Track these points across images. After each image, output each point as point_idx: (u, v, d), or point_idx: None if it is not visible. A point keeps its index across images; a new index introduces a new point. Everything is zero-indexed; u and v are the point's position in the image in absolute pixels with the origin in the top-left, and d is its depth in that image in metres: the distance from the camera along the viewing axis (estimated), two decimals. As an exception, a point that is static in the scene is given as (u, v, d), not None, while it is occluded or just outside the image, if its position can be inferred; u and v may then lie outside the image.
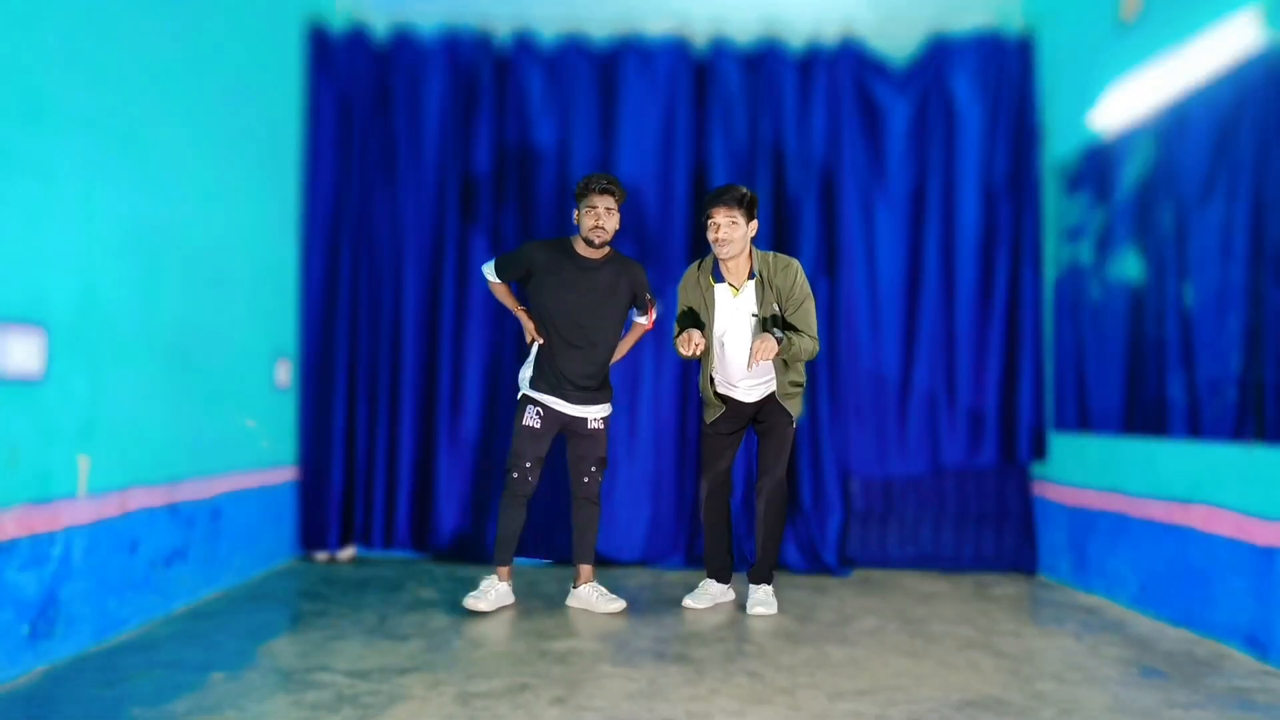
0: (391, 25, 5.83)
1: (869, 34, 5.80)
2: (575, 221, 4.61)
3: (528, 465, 4.59)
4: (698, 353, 4.37)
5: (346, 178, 5.76)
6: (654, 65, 5.78)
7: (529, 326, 4.71)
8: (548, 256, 4.64)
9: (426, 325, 5.76)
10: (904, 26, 5.80)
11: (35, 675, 3.32)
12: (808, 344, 4.46)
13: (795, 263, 4.55)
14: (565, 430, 4.71)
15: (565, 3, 5.85)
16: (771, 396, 4.61)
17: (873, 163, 5.77)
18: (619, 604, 4.59)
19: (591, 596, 4.63)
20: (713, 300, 4.57)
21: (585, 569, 4.75)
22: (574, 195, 4.62)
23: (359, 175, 5.76)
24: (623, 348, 4.84)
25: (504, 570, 4.64)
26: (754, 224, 4.52)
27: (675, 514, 5.72)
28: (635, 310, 4.80)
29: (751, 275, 4.53)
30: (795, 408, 4.62)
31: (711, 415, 4.72)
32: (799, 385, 4.65)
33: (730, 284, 4.55)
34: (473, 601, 4.43)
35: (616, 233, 4.63)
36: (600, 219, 4.53)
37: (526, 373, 4.70)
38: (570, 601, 4.67)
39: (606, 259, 4.67)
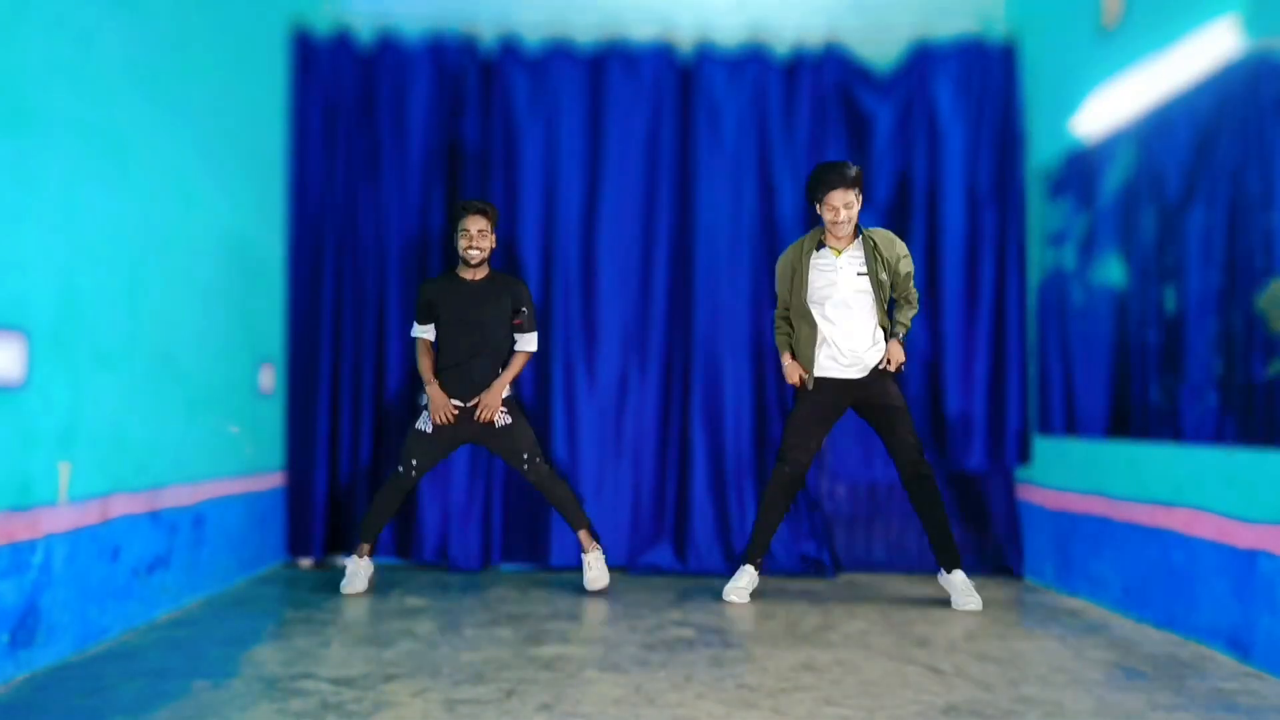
0: (376, 29, 5.82)
1: (853, 40, 5.82)
2: (455, 244, 4.99)
3: (414, 464, 4.96)
4: (800, 382, 4.78)
5: (331, 182, 5.74)
6: (639, 70, 5.79)
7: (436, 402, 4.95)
8: (437, 287, 5.03)
9: (411, 331, 5.71)
10: (888, 33, 5.81)
11: (15, 684, 3.28)
12: (913, 307, 4.86)
13: (899, 241, 4.83)
14: (479, 439, 5.03)
15: (550, 7, 5.85)
16: (874, 372, 4.77)
17: (857, 166, 5.76)
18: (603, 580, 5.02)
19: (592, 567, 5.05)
20: (809, 265, 4.78)
21: (583, 534, 5.09)
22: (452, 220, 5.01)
23: (344, 179, 5.75)
24: (505, 377, 4.99)
25: (365, 547, 5.05)
26: (860, 198, 4.72)
27: (656, 516, 5.73)
28: (517, 333, 5.04)
29: (857, 234, 4.77)
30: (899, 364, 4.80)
31: (807, 385, 4.82)
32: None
33: (831, 248, 4.77)
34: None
35: (494, 251, 5.08)
36: (473, 239, 4.92)
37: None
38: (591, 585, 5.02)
39: (487, 278, 5.04)
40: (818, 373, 4.79)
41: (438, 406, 4.90)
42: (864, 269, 4.73)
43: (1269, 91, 3.68)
